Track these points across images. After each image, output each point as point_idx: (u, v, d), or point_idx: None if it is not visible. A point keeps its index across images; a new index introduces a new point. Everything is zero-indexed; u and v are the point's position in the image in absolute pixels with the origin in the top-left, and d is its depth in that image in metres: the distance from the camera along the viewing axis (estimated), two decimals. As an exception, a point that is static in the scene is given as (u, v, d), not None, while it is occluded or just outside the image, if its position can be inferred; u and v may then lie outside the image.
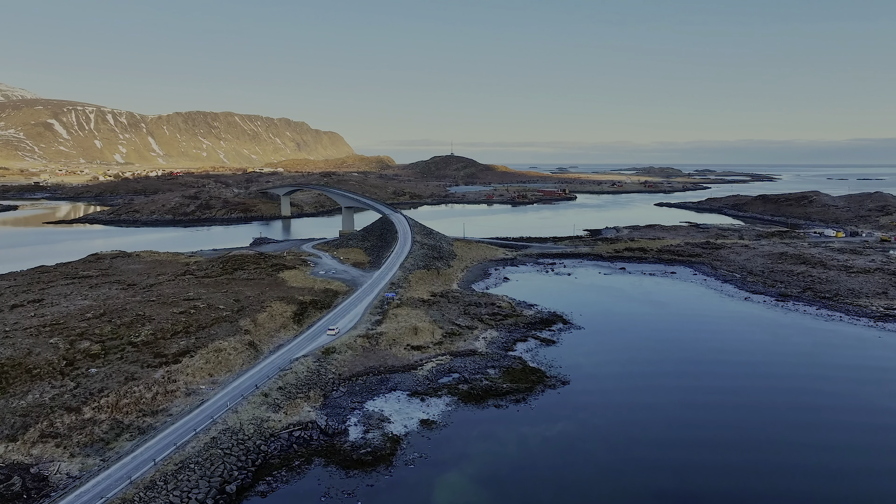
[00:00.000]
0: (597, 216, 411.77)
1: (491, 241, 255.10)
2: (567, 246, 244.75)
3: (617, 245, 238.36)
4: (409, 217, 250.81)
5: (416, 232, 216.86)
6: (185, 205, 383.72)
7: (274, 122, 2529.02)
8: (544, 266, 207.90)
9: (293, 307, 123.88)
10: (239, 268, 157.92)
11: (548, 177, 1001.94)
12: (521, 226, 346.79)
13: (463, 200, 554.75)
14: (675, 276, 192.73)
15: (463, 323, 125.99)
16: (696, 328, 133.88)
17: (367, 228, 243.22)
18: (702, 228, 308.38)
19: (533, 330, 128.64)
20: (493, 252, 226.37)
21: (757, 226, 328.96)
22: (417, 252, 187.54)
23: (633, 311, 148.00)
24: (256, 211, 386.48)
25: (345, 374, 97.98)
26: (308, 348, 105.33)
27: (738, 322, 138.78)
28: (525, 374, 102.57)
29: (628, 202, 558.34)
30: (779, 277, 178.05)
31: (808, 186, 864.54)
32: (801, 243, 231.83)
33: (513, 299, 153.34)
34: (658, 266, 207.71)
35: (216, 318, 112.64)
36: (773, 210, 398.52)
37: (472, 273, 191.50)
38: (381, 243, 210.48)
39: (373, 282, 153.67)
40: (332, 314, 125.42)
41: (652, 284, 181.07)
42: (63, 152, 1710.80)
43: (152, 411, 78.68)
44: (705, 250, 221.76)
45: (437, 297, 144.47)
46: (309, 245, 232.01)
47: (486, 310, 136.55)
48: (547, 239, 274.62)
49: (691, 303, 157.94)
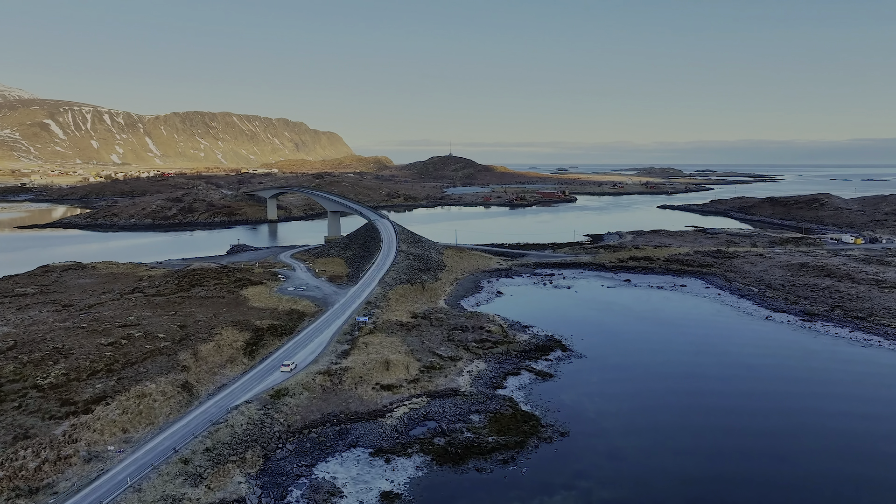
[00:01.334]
0: (598, 220, 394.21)
1: (485, 249, 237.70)
2: (567, 254, 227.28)
3: (620, 253, 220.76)
4: (396, 223, 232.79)
5: (402, 240, 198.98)
6: (167, 208, 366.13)
7: (272, 123, 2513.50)
8: (542, 278, 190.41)
9: (247, 335, 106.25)
10: (197, 283, 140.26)
11: (547, 177, 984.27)
12: (518, 230, 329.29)
13: (459, 202, 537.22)
14: (685, 289, 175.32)
15: (445, 353, 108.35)
16: (717, 358, 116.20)
17: (350, 235, 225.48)
18: (710, 234, 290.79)
19: (527, 359, 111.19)
20: (486, 262, 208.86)
21: (767, 231, 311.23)
22: (401, 263, 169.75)
23: (642, 335, 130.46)
24: (241, 214, 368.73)
25: (296, 424, 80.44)
26: (255, 390, 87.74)
27: (764, 349, 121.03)
28: (516, 421, 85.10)
29: (630, 204, 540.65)
30: (802, 292, 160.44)
31: (811, 187, 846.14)
32: (819, 252, 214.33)
33: (506, 319, 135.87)
34: (666, 278, 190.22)
35: (151, 351, 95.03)
36: (782, 213, 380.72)
37: (463, 286, 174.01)
38: (364, 252, 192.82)
39: (346, 300, 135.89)
40: (293, 343, 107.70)
41: (660, 300, 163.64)
42: (59, 153, 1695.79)
43: (31, 489, 61.06)
44: (717, 260, 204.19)
45: (418, 319, 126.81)
46: (288, 254, 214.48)
47: (474, 335, 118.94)
48: (545, 246, 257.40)
49: (707, 323, 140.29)
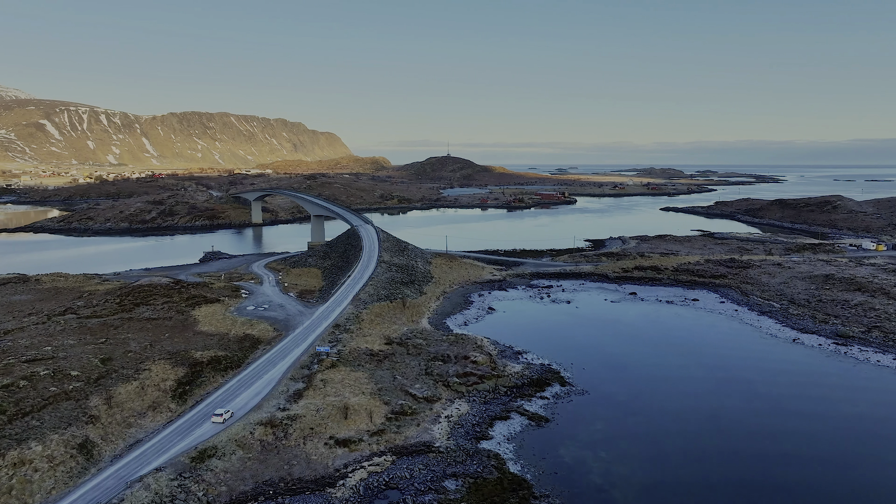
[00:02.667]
0: (599, 223, 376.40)
1: (478, 257, 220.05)
2: (566, 262, 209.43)
3: (625, 262, 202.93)
4: (381, 229, 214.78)
5: (385, 249, 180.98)
6: (147, 211, 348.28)
7: (270, 123, 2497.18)
8: (539, 290, 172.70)
9: (181, 371, 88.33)
10: (143, 302, 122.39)
11: (546, 178, 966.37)
12: (515, 235, 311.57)
13: (455, 205, 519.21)
14: (697, 304, 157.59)
15: (420, 391, 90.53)
16: (743, 394, 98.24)
17: (331, 243, 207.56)
18: (718, 239, 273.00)
19: (519, 398, 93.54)
20: (478, 271, 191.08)
21: (779, 235, 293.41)
22: (381, 276, 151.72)
23: (652, 363, 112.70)
24: (224, 218, 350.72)
25: (219, 499, 62.66)
26: (175, 449, 69.95)
27: (796, 382, 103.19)
28: (501, 489, 67.53)
29: (632, 206, 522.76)
30: (831, 309, 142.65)
31: (814, 188, 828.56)
32: (841, 260, 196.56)
33: (496, 344, 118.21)
34: (676, 291, 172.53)
35: (54, 396, 77.21)
36: (792, 216, 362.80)
37: (450, 301, 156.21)
38: (343, 263, 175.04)
39: (312, 322, 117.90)
40: (237, 381, 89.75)
41: (671, 317, 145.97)
42: (55, 153, 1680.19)
43: None
44: (730, 270, 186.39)
45: (393, 346, 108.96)
46: (262, 263, 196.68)
47: (457, 366, 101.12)
48: (543, 252, 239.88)
49: (726, 348, 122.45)
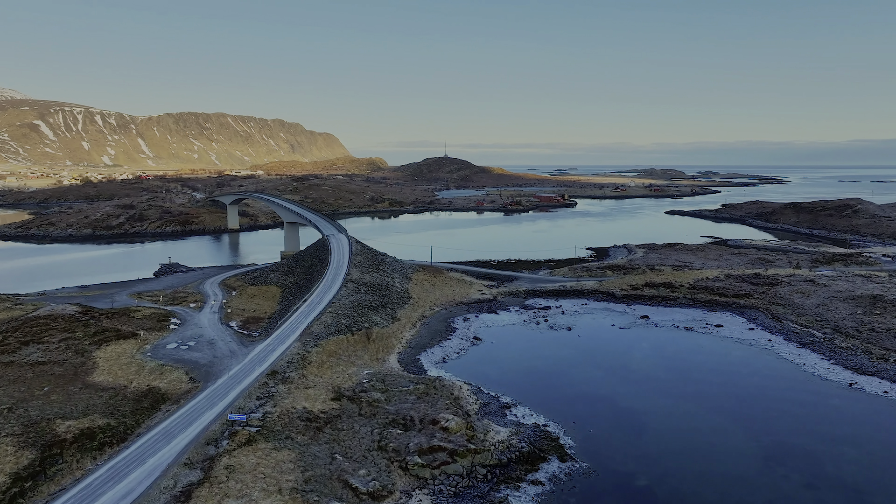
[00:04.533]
0: (601, 228, 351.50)
1: (468, 270, 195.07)
2: (567, 277, 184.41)
3: (633, 277, 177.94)
4: (356, 240, 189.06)
5: (355, 264, 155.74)
6: (115, 216, 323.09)
7: (268, 124, 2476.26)
8: (535, 313, 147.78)
9: (27, 456, 63.14)
10: (35, 339, 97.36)
11: (546, 179, 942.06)
12: (510, 241, 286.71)
13: (450, 207, 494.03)
14: (722, 331, 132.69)
15: (365, 482, 65.38)
16: (803, 474, 72.95)
17: (298, 255, 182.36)
18: (734, 248, 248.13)
19: (503, 483, 68.72)
20: (466, 288, 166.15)
21: (799, 243, 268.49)
22: (345, 301, 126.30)
23: (677, 423, 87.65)
24: (198, 223, 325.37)
25: None
26: None
27: (869, 451, 78.15)
28: None
29: (635, 209, 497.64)
30: (888, 342, 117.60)
31: (818, 189, 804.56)
32: (881, 275, 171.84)
33: (478, 392, 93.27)
34: (694, 313, 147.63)
35: None
36: (809, 221, 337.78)
37: (429, 329, 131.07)
38: (305, 281, 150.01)
39: (242, 368, 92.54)
40: (108, 469, 64.09)
41: (693, 349, 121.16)
42: (49, 154, 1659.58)
43: None
44: (756, 287, 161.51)
45: (341, 404, 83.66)
46: (219, 279, 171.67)
47: (422, 436, 75.94)
48: (541, 264, 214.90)
49: (767, 397, 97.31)
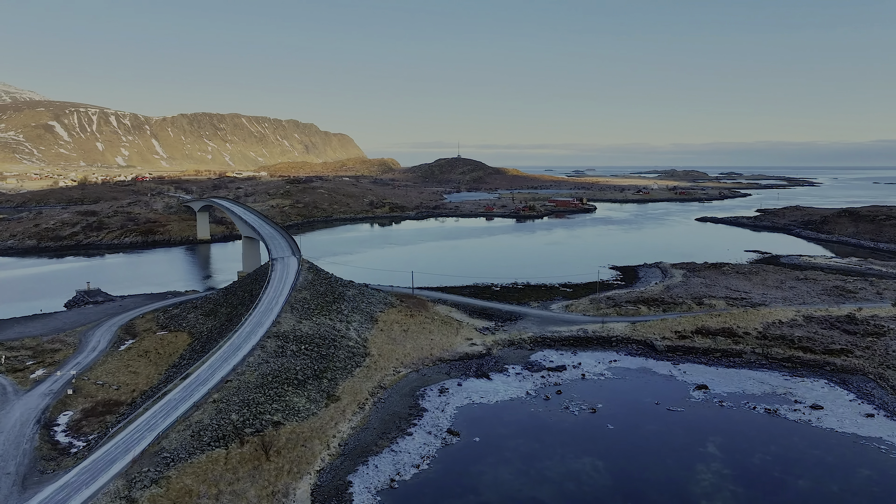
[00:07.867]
0: (626, 240, 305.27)
1: (460, 300, 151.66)
2: (587, 315, 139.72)
3: (678, 319, 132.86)
4: (311, 265, 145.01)
5: (294, 304, 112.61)
6: (70, 224, 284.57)
7: (282, 124, 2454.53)
8: (543, 377, 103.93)
9: None
10: None
11: (563, 181, 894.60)
12: (519, 256, 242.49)
13: (456, 213, 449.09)
14: (823, 416, 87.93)
15: None
16: None
17: (231, 288, 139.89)
18: (795, 269, 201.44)
19: None
20: (451, 334, 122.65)
21: (872, 262, 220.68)
22: (251, 376, 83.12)
23: None
24: (163, 232, 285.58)
25: None
26: None
27: None
28: None
29: (661, 215, 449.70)
30: None
31: (856, 192, 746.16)
32: None
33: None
34: (772, 378, 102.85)
35: None
36: (871, 232, 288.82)
37: (383, 413, 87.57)
38: (227, 326, 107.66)
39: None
40: None
41: (784, 447, 76.82)
42: (63, 155, 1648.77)
43: None
44: (851, 337, 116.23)
45: None
46: (132, 315, 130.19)
47: None
48: (555, 291, 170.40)
49: None
